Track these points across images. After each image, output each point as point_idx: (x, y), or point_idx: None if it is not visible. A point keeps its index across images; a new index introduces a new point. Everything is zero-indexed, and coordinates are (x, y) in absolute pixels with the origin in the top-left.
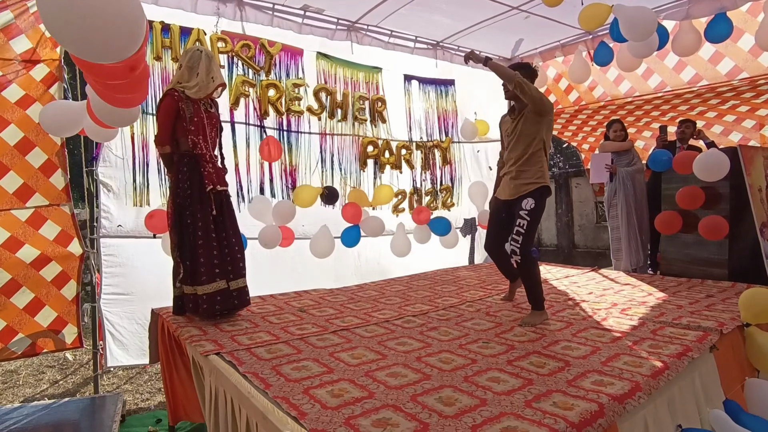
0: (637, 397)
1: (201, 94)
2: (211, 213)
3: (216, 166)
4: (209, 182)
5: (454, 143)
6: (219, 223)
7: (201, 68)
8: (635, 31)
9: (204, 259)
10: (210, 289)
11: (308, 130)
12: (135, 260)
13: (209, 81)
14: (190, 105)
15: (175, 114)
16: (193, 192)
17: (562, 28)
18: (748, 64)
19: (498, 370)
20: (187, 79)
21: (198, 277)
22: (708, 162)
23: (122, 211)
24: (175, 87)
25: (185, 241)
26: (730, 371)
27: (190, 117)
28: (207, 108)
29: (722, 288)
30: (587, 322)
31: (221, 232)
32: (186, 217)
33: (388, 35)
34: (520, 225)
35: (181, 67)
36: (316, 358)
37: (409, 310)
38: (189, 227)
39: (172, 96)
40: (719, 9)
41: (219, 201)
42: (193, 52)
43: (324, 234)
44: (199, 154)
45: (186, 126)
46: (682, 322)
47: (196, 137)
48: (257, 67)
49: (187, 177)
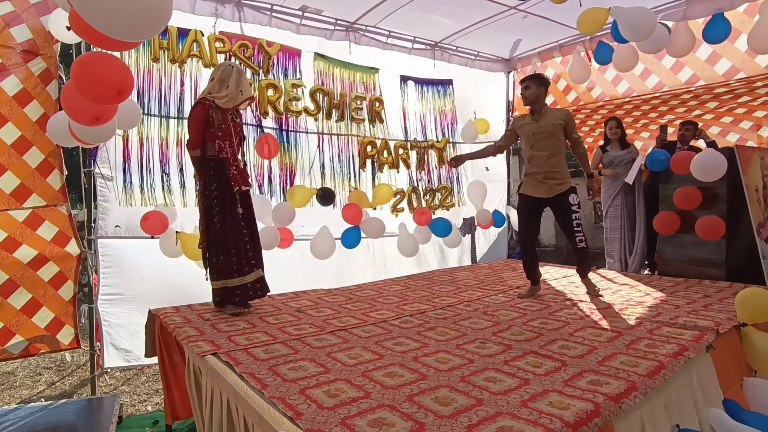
0: (632, 397)
1: (230, 104)
2: (238, 211)
3: (239, 168)
4: (235, 183)
5: (453, 143)
6: (246, 219)
7: (231, 81)
8: (636, 31)
9: (236, 253)
10: (250, 279)
11: (306, 130)
12: (133, 261)
13: (238, 93)
14: (219, 113)
15: (205, 121)
16: (221, 192)
17: (561, 29)
18: (745, 65)
19: (494, 370)
20: (217, 91)
21: (233, 271)
22: (705, 162)
23: (120, 212)
24: (206, 97)
25: (216, 238)
26: (728, 371)
27: (219, 124)
28: (233, 117)
29: (719, 288)
30: (584, 322)
31: (250, 226)
32: (214, 216)
33: (387, 35)
34: (576, 218)
35: (212, 80)
36: (313, 358)
37: (407, 309)
38: (217, 224)
39: (204, 104)
40: (716, 9)
41: (244, 199)
42: (225, 67)
43: (324, 235)
44: (224, 158)
45: (214, 132)
46: (679, 322)
47: (222, 142)
48: (256, 67)
49: (214, 180)
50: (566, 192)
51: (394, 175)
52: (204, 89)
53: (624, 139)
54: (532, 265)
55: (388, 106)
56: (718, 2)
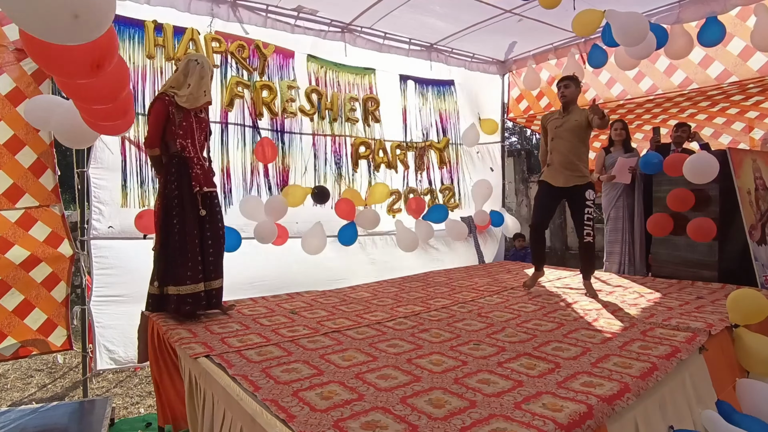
0: (625, 398)
1: (188, 105)
2: (199, 213)
3: (204, 168)
4: (196, 183)
5: (454, 144)
6: (204, 223)
7: (193, 79)
8: (628, 37)
9: (190, 261)
10: (195, 290)
11: (300, 131)
12: (126, 262)
13: (200, 95)
14: (180, 109)
15: (165, 118)
16: (181, 193)
17: (555, 31)
18: (737, 68)
19: (488, 372)
20: (179, 86)
21: (182, 278)
22: (698, 165)
23: (113, 212)
24: (166, 91)
25: (170, 241)
26: (721, 372)
27: (180, 121)
28: (197, 113)
29: (712, 289)
30: (578, 323)
31: (206, 232)
32: (172, 218)
33: (382, 37)
34: (588, 212)
35: (176, 72)
36: (307, 360)
37: (401, 311)
38: (175, 227)
39: (163, 100)
40: (709, 13)
41: (206, 202)
42: (189, 60)
43: (316, 231)
44: (187, 157)
45: (175, 130)
46: (672, 323)
47: (184, 141)
48: (251, 68)
49: (175, 178)
50: (584, 186)
51: (391, 176)
52: (166, 82)
53: (628, 143)
54: (540, 249)
55: (387, 106)
56: (711, 6)
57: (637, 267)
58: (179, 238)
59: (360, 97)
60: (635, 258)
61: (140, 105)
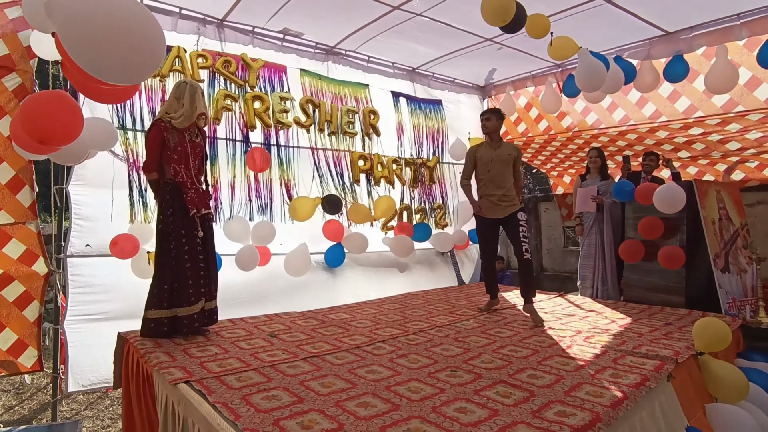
0: (596, 428)
1: (186, 123)
2: (198, 235)
3: (199, 191)
4: (192, 206)
5: (442, 163)
6: (203, 245)
7: (186, 99)
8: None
9: (192, 281)
10: (194, 310)
11: (297, 144)
12: (103, 281)
13: (193, 111)
14: (175, 134)
15: (160, 143)
16: (176, 217)
17: (534, 60)
18: (702, 104)
19: (465, 400)
20: (175, 110)
21: (184, 299)
22: (666, 195)
23: (91, 230)
24: (162, 117)
25: (168, 264)
26: (690, 399)
27: (174, 146)
28: (192, 137)
29: (679, 315)
30: (552, 350)
31: (205, 254)
32: (170, 241)
33: (366, 60)
34: (524, 231)
35: (169, 98)
36: (287, 386)
37: (380, 334)
38: (173, 251)
39: (158, 126)
40: (676, 51)
41: (204, 224)
42: (179, 84)
43: (301, 252)
44: (180, 182)
45: (170, 155)
46: (642, 351)
47: (178, 165)
48: (240, 81)
49: (169, 204)
50: (517, 211)
51: (388, 191)
52: (161, 108)
53: (605, 170)
54: (492, 281)
55: (383, 121)
56: (678, 44)
57: (610, 292)
58: (178, 262)
59: (360, 109)
60: (608, 283)
61: (128, 120)
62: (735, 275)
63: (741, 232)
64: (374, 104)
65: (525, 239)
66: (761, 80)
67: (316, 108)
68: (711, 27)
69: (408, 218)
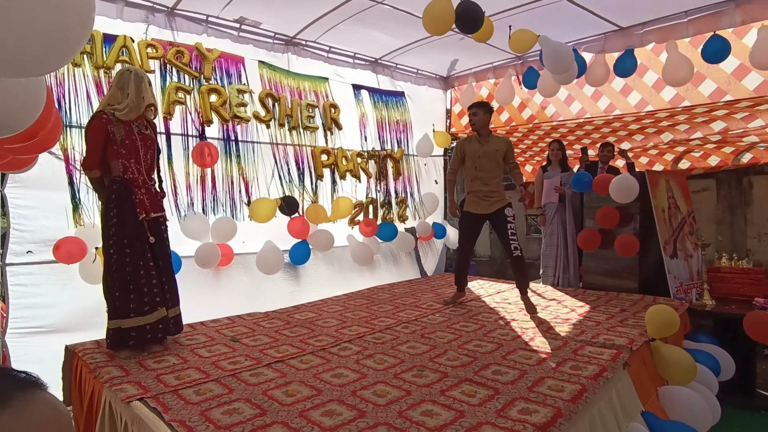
0: (558, 424)
1: (132, 115)
2: (148, 241)
3: (150, 192)
4: (141, 210)
5: (408, 156)
6: (154, 251)
7: (131, 89)
8: (554, 64)
9: (146, 289)
10: (148, 320)
11: (257, 140)
12: (48, 289)
13: (140, 102)
14: (121, 127)
15: (104, 137)
16: (124, 221)
17: (495, 51)
18: (652, 98)
19: (431, 402)
20: (118, 101)
21: (129, 310)
22: (621, 185)
23: (32, 235)
24: (104, 109)
25: (117, 271)
26: (644, 384)
27: (121, 140)
28: (141, 130)
29: (633, 301)
30: (516, 343)
31: (157, 260)
32: (111, 246)
33: (327, 51)
34: (512, 228)
35: (111, 88)
36: (248, 397)
37: (346, 333)
38: (113, 256)
39: (100, 118)
40: (628, 46)
41: (154, 228)
42: (122, 72)
43: (271, 249)
44: (130, 179)
45: (117, 149)
46: (599, 340)
47: (127, 161)
48: (195, 72)
49: (114, 205)
50: (504, 207)
51: (354, 185)
52: (102, 100)
53: (565, 162)
54: (463, 275)
55: (344, 114)
56: (631, 39)
57: (571, 279)
58: (116, 268)
59: (320, 104)
60: (569, 270)
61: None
62: (682, 260)
63: (688, 219)
64: (335, 98)
65: (513, 237)
66: (705, 76)
67: (276, 102)
68: (660, 24)
69: (374, 213)
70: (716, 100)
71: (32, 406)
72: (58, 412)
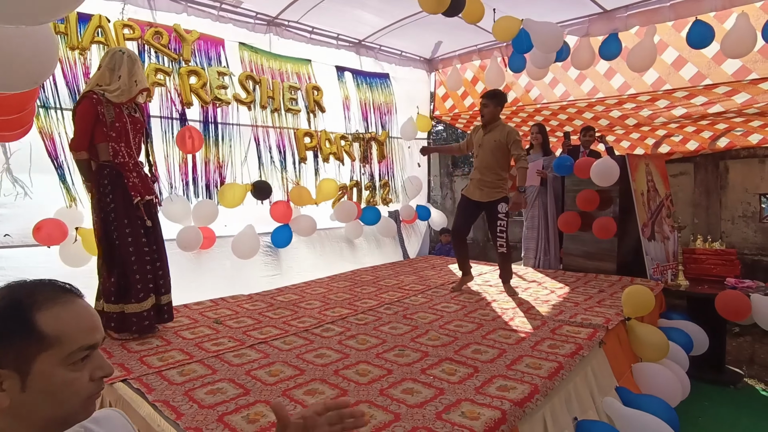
0: (535, 400)
1: (123, 98)
2: (144, 224)
3: (141, 175)
4: (135, 193)
5: (391, 138)
6: (149, 234)
7: (123, 71)
8: (545, 43)
9: (139, 275)
10: (144, 307)
11: (238, 122)
12: (28, 274)
13: (132, 84)
14: (111, 109)
15: (93, 118)
16: (117, 206)
17: (480, 33)
18: (634, 81)
19: (412, 381)
20: (107, 82)
21: (132, 294)
22: (602, 169)
23: (10, 217)
24: (93, 89)
25: (114, 256)
26: (619, 361)
27: (111, 122)
28: (130, 112)
29: (611, 282)
30: (496, 323)
31: (152, 245)
32: (112, 232)
33: (310, 32)
34: (501, 225)
35: (100, 68)
36: (232, 378)
37: (329, 315)
38: (116, 242)
39: (90, 98)
40: (612, 30)
41: (148, 210)
42: (114, 53)
43: (247, 234)
44: (121, 163)
45: (106, 132)
46: (577, 320)
47: (117, 144)
48: (174, 54)
49: (109, 190)
50: (497, 200)
51: (338, 167)
52: (90, 80)
53: (547, 146)
54: (463, 254)
55: (327, 97)
56: (615, 23)
57: (551, 261)
58: (124, 254)
59: (302, 86)
60: (550, 252)
61: (49, 99)
62: (659, 242)
63: (665, 202)
64: (317, 80)
65: (501, 234)
66: (686, 60)
67: (257, 84)
68: (643, 7)
69: (358, 196)
70: (696, 84)
71: (74, 304)
72: (91, 312)
